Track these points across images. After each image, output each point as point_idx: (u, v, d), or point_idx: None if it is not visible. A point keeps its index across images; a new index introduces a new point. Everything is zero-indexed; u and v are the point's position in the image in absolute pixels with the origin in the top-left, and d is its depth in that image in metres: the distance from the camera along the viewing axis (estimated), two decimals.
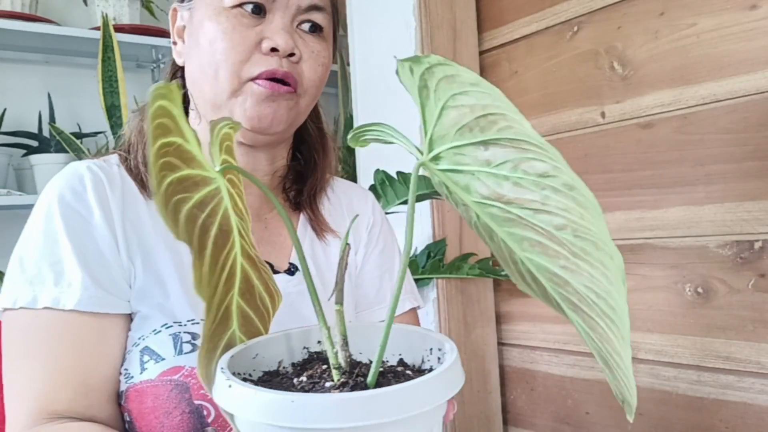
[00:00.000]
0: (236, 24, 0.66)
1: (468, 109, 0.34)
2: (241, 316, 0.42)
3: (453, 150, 0.35)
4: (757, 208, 0.96)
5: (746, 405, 0.98)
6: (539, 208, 0.34)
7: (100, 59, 1.55)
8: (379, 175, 1.21)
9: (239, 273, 0.42)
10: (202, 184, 0.39)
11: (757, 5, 0.95)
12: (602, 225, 0.33)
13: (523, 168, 0.34)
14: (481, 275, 1.25)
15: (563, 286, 0.34)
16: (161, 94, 0.37)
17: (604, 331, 0.34)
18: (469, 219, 0.38)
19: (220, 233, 0.39)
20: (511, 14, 1.30)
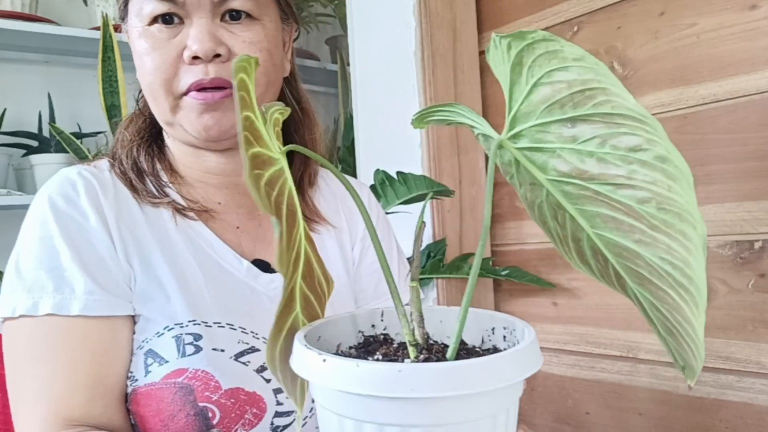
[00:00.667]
0: (156, 41, 0.64)
1: (565, 84, 0.34)
2: (303, 299, 0.43)
3: (537, 128, 0.35)
4: (757, 208, 0.96)
5: (746, 405, 0.98)
6: (623, 182, 0.33)
7: (100, 59, 1.55)
8: (379, 175, 1.21)
9: (303, 255, 0.42)
10: (269, 164, 0.39)
11: (757, 5, 0.95)
12: (691, 195, 0.32)
13: (611, 143, 0.33)
14: (481, 275, 1.25)
15: (632, 260, 0.34)
16: (242, 67, 0.37)
17: (675, 301, 0.34)
18: (533, 199, 0.37)
19: (289, 213, 0.40)
20: (511, 14, 1.30)
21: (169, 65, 0.64)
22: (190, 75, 0.64)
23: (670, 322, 0.34)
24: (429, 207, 1.30)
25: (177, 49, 0.64)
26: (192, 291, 0.66)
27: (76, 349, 0.61)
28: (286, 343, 0.41)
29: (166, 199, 0.69)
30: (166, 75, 0.64)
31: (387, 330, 0.47)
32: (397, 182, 1.20)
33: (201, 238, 0.69)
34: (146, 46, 0.65)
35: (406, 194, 1.19)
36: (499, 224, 1.35)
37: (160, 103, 0.66)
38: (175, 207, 0.69)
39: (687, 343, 0.34)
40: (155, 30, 0.65)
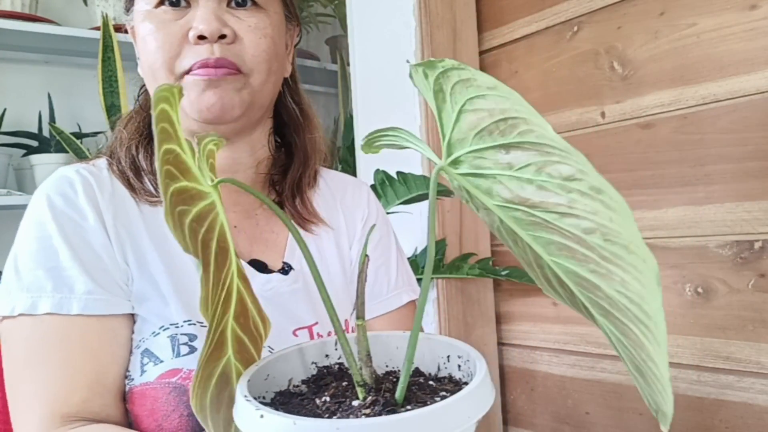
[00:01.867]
0: (160, 22, 0.65)
1: (486, 113, 0.33)
2: (236, 342, 0.40)
3: (473, 154, 0.35)
4: (757, 208, 0.96)
5: (746, 405, 0.98)
6: (566, 211, 0.33)
7: (100, 59, 1.55)
8: (379, 175, 1.21)
9: (235, 294, 0.40)
10: (198, 198, 0.37)
11: (757, 5, 0.95)
12: (633, 228, 0.32)
13: (547, 171, 0.33)
14: (481, 275, 1.25)
15: (593, 291, 0.33)
16: (164, 97, 0.36)
17: (637, 337, 0.33)
18: (491, 223, 0.37)
19: (219, 250, 0.38)
20: (511, 14, 1.30)
21: (173, 44, 0.64)
22: (194, 54, 0.64)
23: (637, 360, 0.33)
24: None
25: (182, 30, 0.65)
26: (188, 291, 0.66)
27: (74, 347, 0.61)
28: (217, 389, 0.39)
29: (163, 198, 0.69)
30: (170, 54, 0.65)
31: (342, 359, 0.46)
32: (397, 182, 1.20)
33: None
34: (151, 27, 0.65)
35: (406, 194, 1.19)
36: None
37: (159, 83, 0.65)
38: None
39: (654, 384, 0.33)
40: (161, 11, 0.65)
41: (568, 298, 0.36)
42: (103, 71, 1.55)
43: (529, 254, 0.36)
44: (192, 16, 0.65)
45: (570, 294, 0.35)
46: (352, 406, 0.37)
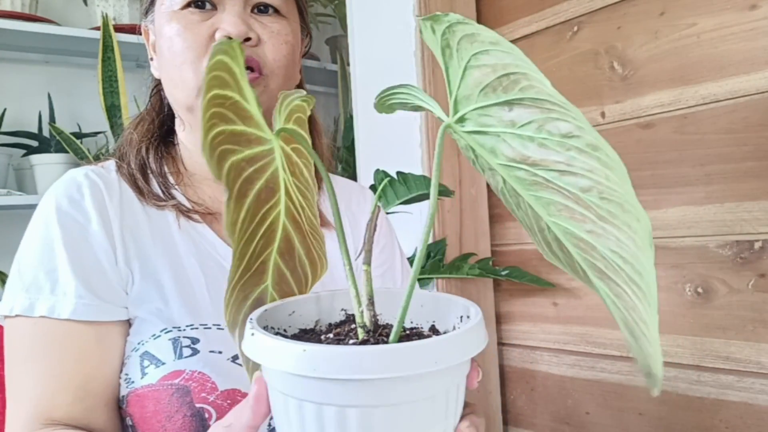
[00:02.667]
0: (187, 23, 0.67)
1: (490, 68, 0.34)
2: (277, 274, 0.43)
3: (478, 111, 0.35)
4: (757, 208, 0.96)
5: (746, 405, 0.98)
6: (565, 169, 0.33)
7: (100, 59, 1.55)
8: (379, 175, 1.21)
9: (280, 231, 0.42)
10: (255, 143, 0.39)
11: (757, 5, 0.95)
12: (628, 186, 0.32)
13: (547, 128, 0.33)
14: (481, 275, 1.25)
15: (589, 252, 0.34)
16: (222, 50, 0.37)
17: (630, 299, 0.33)
18: (496, 185, 0.38)
19: (265, 188, 0.40)
20: (511, 14, 1.30)
21: (201, 44, 0.66)
22: None
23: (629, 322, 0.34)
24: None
25: (209, 31, 0.66)
26: (194, 294, 0.66)
27: (62, 351, 0.61)
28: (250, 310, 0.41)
29: (171, 202, 0.69)
30: (197, 53, 0.66)
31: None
32: (397, 182, 1.20)
33: (204, 240, 0.70)
34: (178, 27, 0.67)
35: (406, 194, 1.19)
36: (499, 224, 1.35)
37: (186, 83, 0.67)
38: (179, 209, 0.70)
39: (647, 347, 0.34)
40: (187, 12, 0.67)
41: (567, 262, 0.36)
42: (103, 71, 1.55)
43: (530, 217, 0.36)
44: (218, 19, 0.67)
45: (569, 257, 0.36)
46: (347, 344, 0.40)
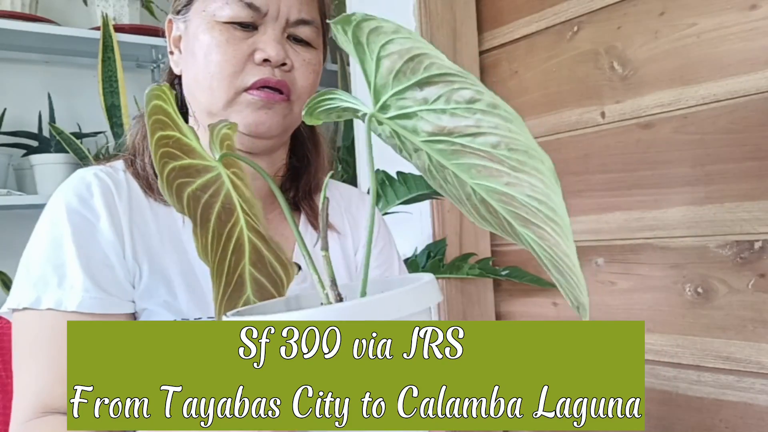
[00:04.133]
0: (229, 37, 0.69)
1: (397, 55, 0.38)
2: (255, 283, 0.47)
3: (395, 97, 0.39)
4: (757, 208, 0.96)
5: (746, 405, 0.98)
6: (475, 131, 0.37)
7: (100, 59, 1.55)
8: (379, 175, 1.21)
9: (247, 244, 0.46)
10: (204, 171, 0.43)
11: (757, 5, 0.95)
12: (527, 134, 0.36)
13: (454, 98, 0.37)
14: (481, 275, 1.25)
15: (510, 203, 0.38)
16: (156, 95, 0.42)
17: (551, 236, 0.37)
18: (423, 164, 0.41)
19: (223, 210, 0.44)
20: (511, 14, 1.30)
21: (239, 60, 0.69)
22: (257, 73, 0.69)
23: (555, 260, 0.38)
24: (429, 207, 1.30)
25: (249, 49, 0.69)
26: (202, 287, 0.69)
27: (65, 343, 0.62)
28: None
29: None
30: (234, 68, 0.68)
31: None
32: (397, 182, 1.20)
33: None
34: (220, 39, 0.69)
35: (406, 194, 1.19)
36: None
37: (216, 93, 0.69)
38: None
39: (572, 278, 0.37)
40: (231, 27, 0.69)
41: (496, 222, 0.40)
42: (103, 71, 1.55)
43: (457, 186, 0.40)
44: (257, 39, 0.69)
45: (495, 216, 0.39)
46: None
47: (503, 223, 0.39)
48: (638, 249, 1.10)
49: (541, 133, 1.25)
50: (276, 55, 0.69)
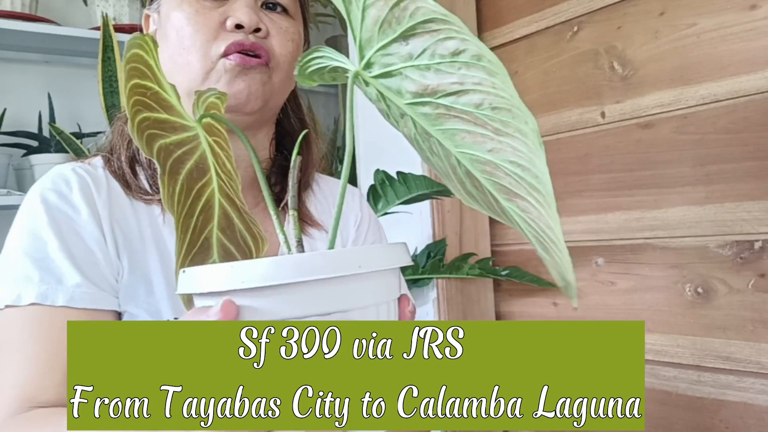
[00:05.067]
0: (199, 8, 0.68)
1: (383, 2, 0.35)
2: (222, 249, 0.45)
3: (380, 52, 0.36)
4: (757, 208, 0.96)
5: (746, 405, 0.98)
6: (459, 89, 0.35)
7: (100, 59, 1.55)
8: (379, 175, 1.21)
9: (217, 208, 0.44)
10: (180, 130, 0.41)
11: (757, 5, 0.95)
12: (512, 89, 0.34)
13: (439, 52, 0.35)
14: (481, 275, 1.25)
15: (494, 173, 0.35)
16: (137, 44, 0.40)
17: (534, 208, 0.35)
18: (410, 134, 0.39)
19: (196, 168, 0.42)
20: (511, 14, 1.30)
21: (211, 28, 0.68)
22: (230, 39, 0.67)
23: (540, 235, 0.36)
24: (429, 207, 1.30)
25: (220, 17, 0.68)
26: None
27: (55, 337, 0.61)
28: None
29: (157, 197, 0.70)
30: (207, 37, 0.67)
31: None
32: (397, 182, 1.20)
33: None
34: (189, 11, 0.68)
35: (406, 194, 1.19)
36: (499, 224, 1.35)
37: (192, 67, 0.68)
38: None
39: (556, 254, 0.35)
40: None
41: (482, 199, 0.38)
42: (103, 71, 1.55)
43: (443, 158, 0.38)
44: (230, 8, 0.68)
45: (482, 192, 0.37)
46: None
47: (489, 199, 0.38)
48: (638, 249, 1.10)
49: (541, 133, 1.24)
50: (248, 20, 0.67)
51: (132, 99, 0.39)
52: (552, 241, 0.35)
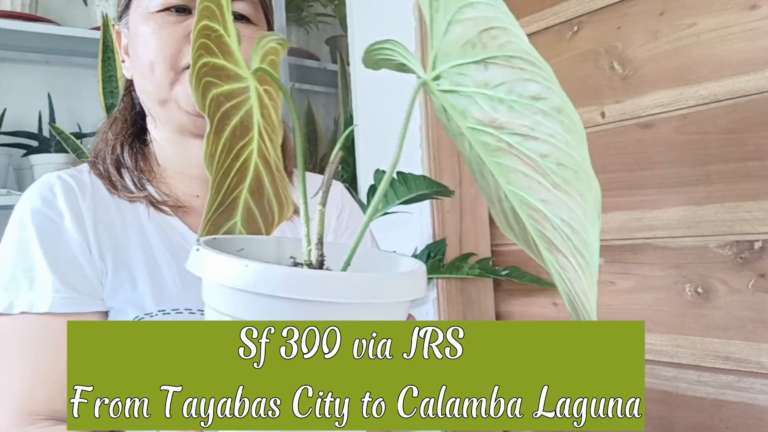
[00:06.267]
0: (163, 23, 0.70)
1: (473, 23, 0.33)
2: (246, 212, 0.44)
3: (455, 69, 0.34)
4: (757, 208, 0.96)
5: (746, 405, 0.98)
6: (528, 134, 0.33)
7: (100, 59, 1.55)
8: (379, 175, 1.21)
9: (252, 170, 0.43)
10: (234, 79, 0.40)
11: (757, 5, 0.95)
12: (584, 152, 0.33)
13: (518, 90, 0.33)
14: (481, 275, 1.25)
15: (541, 222, 0.34)
16: None
17: (574, 269, 0.34)
18: (463, 151, 0.37)
19: (240, 125, 0.41)
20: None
21: (175, 41, 0.70)
22: None
23: (572, 295, 0.35)
24: (429, 207, 1.30)
25: (185, 31, 0.70)
26: (165, 279, 0.69)
27: (41, 345, 0.63)
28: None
29: (142, 194, 0.73)
30: (172, 50, 0.70)
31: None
32: (397, 182, 1.20)
33: (175, 232, 0.73)
34: (154, 26, 0.70)
35: (406, 194, 1.19)
36: None
37: (158, 78, 0.70)
38: (150, 201, 0.73)
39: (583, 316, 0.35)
40: (164, 14, 0.71)
41: (521, 235, 0.37)
42: (103, 71, 1.55)
43: (492, 186, 0.36)
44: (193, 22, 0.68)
45: (522, 229, 0.36)
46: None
47: (529, 238, 0.36)
48: (638, 249, 1.10)
49: None
50: None
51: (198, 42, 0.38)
52: (584, 308, 0.34)
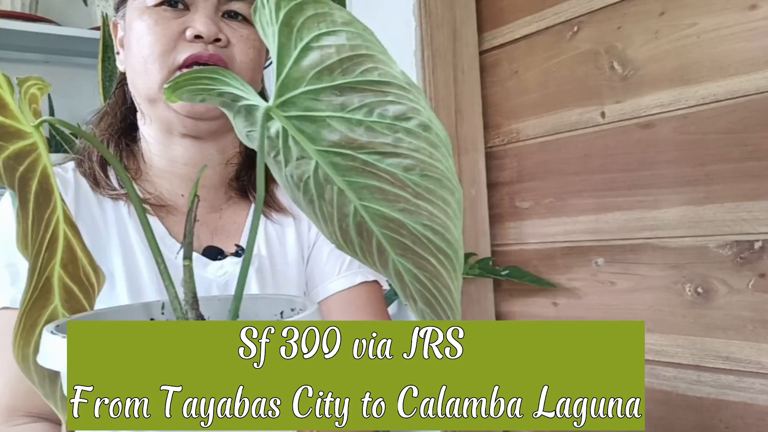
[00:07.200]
0: (158, 18, 0.69)
1: (334, 49, 0.33)
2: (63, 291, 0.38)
3: (306, 95, 0.34)
4: (757, 208, 0.96)
5: (746, 405, 0.98)
6: (390, 151, 0.33)
7: (100, 59, 1.55)
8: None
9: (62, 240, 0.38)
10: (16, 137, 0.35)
11: (757, 5, 0.95)
12: (450, 162, 0.34)
13: (378, 111, 0.33)
14: (481, 275, 1.25)
15: (398, 230, 0.35)
16: None
17: (435, 268, 0.35)
18: (300, 176, 0.36)
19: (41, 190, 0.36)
20: (511, 14, 1.30)
21: (170, 38, 0.68)
22: (189, 50, 0.68)
23: (430, 291, 0.36)
24: None
25: (180, 28, 0.69)
26: (143, 278, 0.69)
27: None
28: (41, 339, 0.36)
29: (124, 191, 0.73)
30: (166, 47, 0.68)
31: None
32: None
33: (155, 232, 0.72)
34: (149, 22, 0.69)
35: None
36: (499, 224, 1.35)
37: (150, 75, 0.69)
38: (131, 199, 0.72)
39: (445, 311, 0.36)
40: (160, 9, 0.69)
41: (362, 246, 0.36)
42: (103, 71, 1.55)
43: (335, 203, 0.35)
44: (189, 18, 0.69)
45: (367, 241, 0.36)
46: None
47: (372, 248, 0.36)
48: (638, 249, 1.10)
49: (541, 133, 1.25)
50: (207, 30, 0.68)
51: None
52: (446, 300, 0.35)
